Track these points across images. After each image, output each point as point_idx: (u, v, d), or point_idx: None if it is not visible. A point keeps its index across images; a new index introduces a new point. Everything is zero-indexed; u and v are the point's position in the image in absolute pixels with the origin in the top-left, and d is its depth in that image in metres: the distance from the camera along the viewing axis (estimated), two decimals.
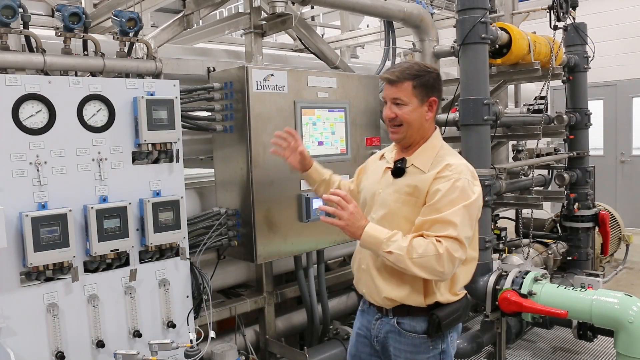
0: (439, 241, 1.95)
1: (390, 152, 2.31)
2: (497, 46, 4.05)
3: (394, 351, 2.20)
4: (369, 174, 2.37)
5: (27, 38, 2.56)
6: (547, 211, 5.37)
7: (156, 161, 2.76)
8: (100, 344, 2.53)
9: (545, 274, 3.79)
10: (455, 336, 2.25)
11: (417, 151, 2.17)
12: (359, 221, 2.00)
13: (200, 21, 4.05)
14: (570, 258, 5.32)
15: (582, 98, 5.28)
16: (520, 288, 3.60)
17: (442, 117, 4.16)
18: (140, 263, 2.72)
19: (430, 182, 2.05)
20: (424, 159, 2.14)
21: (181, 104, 2.89)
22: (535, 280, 3.64)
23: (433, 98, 2.15)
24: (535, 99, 4.66)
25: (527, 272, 3.71)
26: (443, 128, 4.22)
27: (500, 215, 5.83)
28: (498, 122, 3.97)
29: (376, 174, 2.28)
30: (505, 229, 5.04)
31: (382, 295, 2.15)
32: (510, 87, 5.41)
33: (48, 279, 2.42)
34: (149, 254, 2.74)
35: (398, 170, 2.15)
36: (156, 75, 2.86)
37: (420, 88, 2.10)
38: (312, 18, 7.23)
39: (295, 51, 5.60)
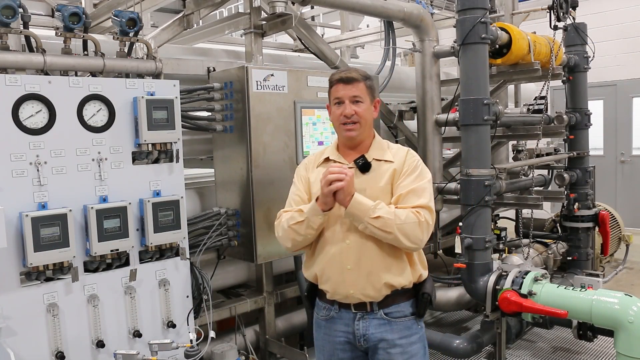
0: (417, 211, 2.12)
1: (335, 155, 2.31)
2: (497, 46, 4.05)
3: (385, 345, 2.21)
4: (319, 182, 2.21)
5: (27, 38, 2.56)
6: (547, 211, 5.37)
7: (156, 161, 2.76)
8: (100, 344, 2.53)
9: (545, 274, 3.79)
10: None
11: (372, 147, 2.30)
12: (351, 188, 2.09)
13: (200, 21, 4.05)
14: (570, 258, 5.32)
15: (582, 98, 5.28)
16: (520, 288, 3.60)
17: (442, 117, 4.16)
18: (140, 263, 2.72)
19: (401, 163, 2.24)
20: (381, 152, 2.29)
21: (181, 104, 2.90)
22: (535, 280, 3.64)
23: (377, 99, 2.34)
24: (535, 99, 4.65)
25: (527, 272, 3.71)
26: (443, 128, 4.23)
27: (500, 215, 5.83)
28: (498, 122, 3.97)
29: None
30: (505, 229, 5.02)
31: (383, 282, 2.18)
32: (510, 87, 5.40)
33: (48, 279, 2.43)
34: (149, 254, 2.74)
35: (366, 165, 2.23)
36: (156, 75, 2.87)
37: (369, 89, 2.26)
38: (312, 18, 7.23)
39: (295, 51, 5.60)
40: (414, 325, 2.28)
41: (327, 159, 2.33)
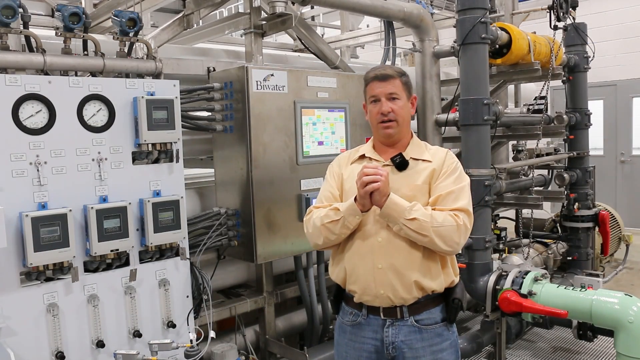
0: (456, 215, 2.07)
1: (371, 153, 2.28)
2: (497, 46, 4.05)
3: (414, 353, 2.14)
4: (352, 180, 2.21)
5: (27, 38, 2.56)
6: (547, 211, 5.37)
7: (156, 161, 2.76)
8: (100, 344, 2.53)
9: (545, 274, 3.79)
10: None
11: (409, 146, 2.26)
12: (386, 188, 2.04)
13: (200, 21, 4.05)
14: (570, 258, 5.32)
15: (582, 98, 5.28)
16: (520, 288, 3.60)
17: (442, 117, 4.16)
18: (140, 263, 2.72)
19: (440, 164, 2.20)
20: (420, 151, 2.25)
21: (181, 104, 2.89)
22: (535, 280, 3.64)
23: (414, 96, 2.29)
24: (535, 99, 4.65)
25: (527, 272, 3.71)
26: (443, 128, 4.22)
27: (500, 215, 5.83)
28: (498, 122, 3.97)
29: None
30: (505, 229, 5.03)
31: (415, 284, 2.11)
32: (510, 87, 5.41)
33: (48, 279, 2.43)
34: (149, 254, 2.74)
35: (403, 163, 2.19)
36: (156, 75, 2.86)
37: (405, 85, 2.22)
38: (312, 18, 7.23)
39: (295, 51, 5.60)
40: (445, 332, 2.20)
41: (362, 156, 2.29)
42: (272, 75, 3.26)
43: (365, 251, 2.16)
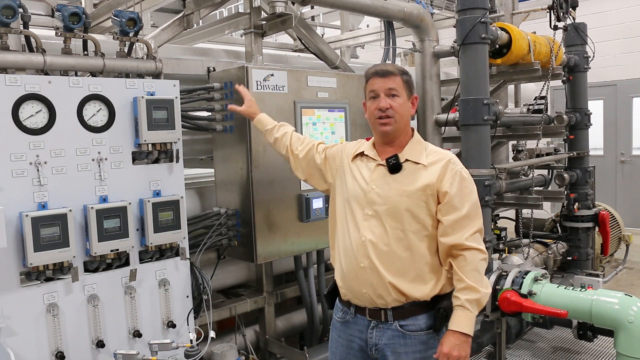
0: (473, 248, 2.08)
1: (370, 151, 2.26)
2: (497, 46, 4.05)
3: (398, 357, 2.14)
4: (350, 176, 2.27)
5: (27, 38, 2.56)
6: (547, 211, 5.37)
7: (156, 161, 2.76)
8: (100, 344, 2.53)
9: (545, 274, 3.79)
10: None
11: (407, 147, 2.21)
12: (460, 341, 2.11)
13: (200, 21, 4.05)
14: (570, 258, 5.32)
15: (582, 98, 5.28)
16: (520, 288, 3.60)
17: (442, 117, 4.16)
18: (140, 263, 2.72)
19: (437, 176, 2.12)
20: (417, 153, 2.19)
21: (181, 104, 2.89)
22: (535, 280, 3.64)
23: (415, 95, 2.26)
24: (535, 99, 4.66)
25: (527, 272, 3.71)
26: (443, 128, 4.22)
27: (500, 215, 5.83)
28: (498, 122, 3.97)
29: (362, 174, 2.23)
30: (505, 229, 5.03)
31: (397, 289, 2.10)
32: (510, 87, 5.41)
33: (48, 279, 2.42)
34: (149, 254, 2.74)
35: (396, 166, 2.16)
36: (156, 75, 2.86)
37: (407, 84, 2.20)
38: (312, 18, 7.23)
39: (295, 51, 5.60)
40: (431, 340, 2.16)
41: (362, 154, 2.28)
42: (272, 75, 3.26)
43: (351, 249, 2.18)
